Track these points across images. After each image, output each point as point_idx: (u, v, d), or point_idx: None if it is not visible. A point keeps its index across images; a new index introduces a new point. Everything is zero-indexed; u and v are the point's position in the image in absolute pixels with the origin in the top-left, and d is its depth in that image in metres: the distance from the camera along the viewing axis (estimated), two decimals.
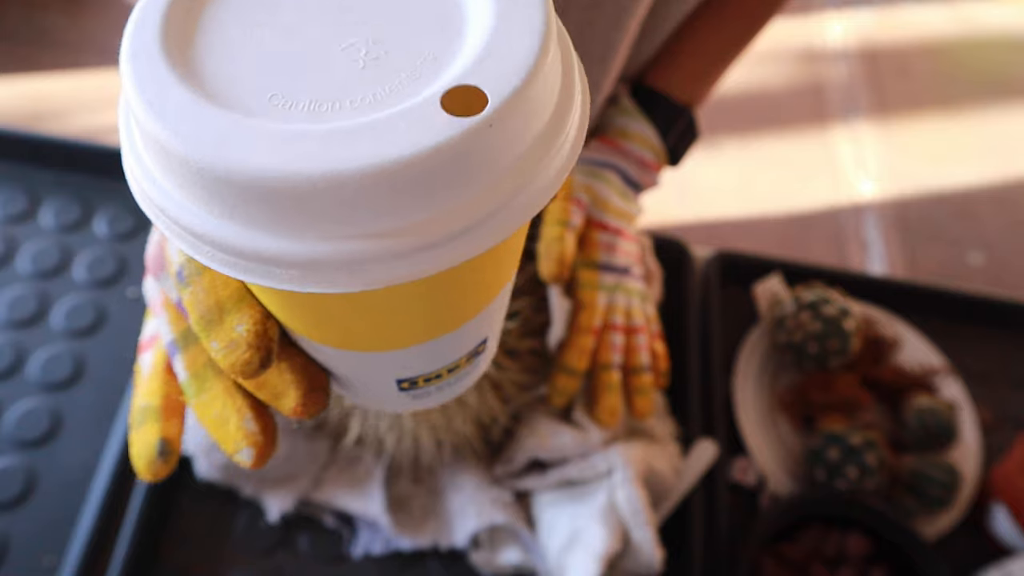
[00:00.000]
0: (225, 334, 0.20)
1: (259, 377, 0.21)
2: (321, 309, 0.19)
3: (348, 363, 0.22)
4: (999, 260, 1.59)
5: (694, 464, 0.56)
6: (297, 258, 0.15)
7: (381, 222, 0.15)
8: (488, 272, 0.20)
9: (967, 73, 1.93)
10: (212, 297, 0.20)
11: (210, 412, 0.23)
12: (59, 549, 0.52)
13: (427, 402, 0.26)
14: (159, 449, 0.24)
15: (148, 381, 0.26)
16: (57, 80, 1.60)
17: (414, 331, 0.20)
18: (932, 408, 0.62)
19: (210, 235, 0.15)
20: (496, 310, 0.23)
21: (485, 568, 0.53)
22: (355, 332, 0.20)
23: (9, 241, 0.65)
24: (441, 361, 0.23)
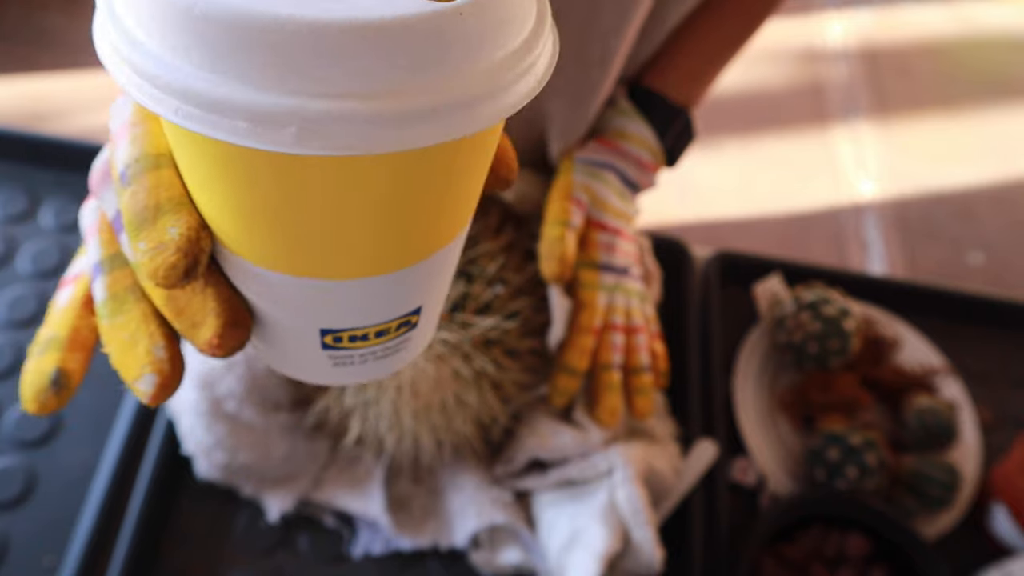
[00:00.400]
0: (156, 235, 0.19)
1: (180, 301, 0.21)
2: (263, 205, 0.18)
3: (276, 295, 0.21)
4: (999, 260, 1.59)
5: (694, 464, 0.56)
6: (259, 109, 0.15)
7: (349, 82, 0.15)
8: (438, 193, 0.19)
9: (967, 73, 1.93)
10: (152, 198, 0.19)
11: (121, 335, 0.22)
12: (59, 549, 0.52)
13: (347, 374, 0.24)
14: (52, 378, 0.23)
15: (60, 313, 0.25)
16: (57, 80, 1.60)
17: (350, 257, 0.20)
18: (932, 408, 0.62)
19: (178, 84, 0.16)
20: (439, 270, 0.22)
21: (485, 568, 0.53)
22: (292, 244, 0.19)
23: (9, 241, 0.65)
24: (370, 315, 0.22)
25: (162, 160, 0.20)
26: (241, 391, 0.50)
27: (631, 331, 0.51)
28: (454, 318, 0.47)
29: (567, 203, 0.49)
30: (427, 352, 0.46)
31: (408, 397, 0.47)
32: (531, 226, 0.54)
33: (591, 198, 0.51)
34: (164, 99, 0.16)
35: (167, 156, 0.20)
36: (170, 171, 0.20)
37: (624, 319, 0.50)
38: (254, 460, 0.52)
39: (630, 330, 0.51)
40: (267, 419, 0.52)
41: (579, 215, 0.50)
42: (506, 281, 0.49)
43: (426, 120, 0.16)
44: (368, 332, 0.23)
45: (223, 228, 0.20)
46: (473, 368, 0.47)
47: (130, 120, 0.21)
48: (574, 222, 0.49)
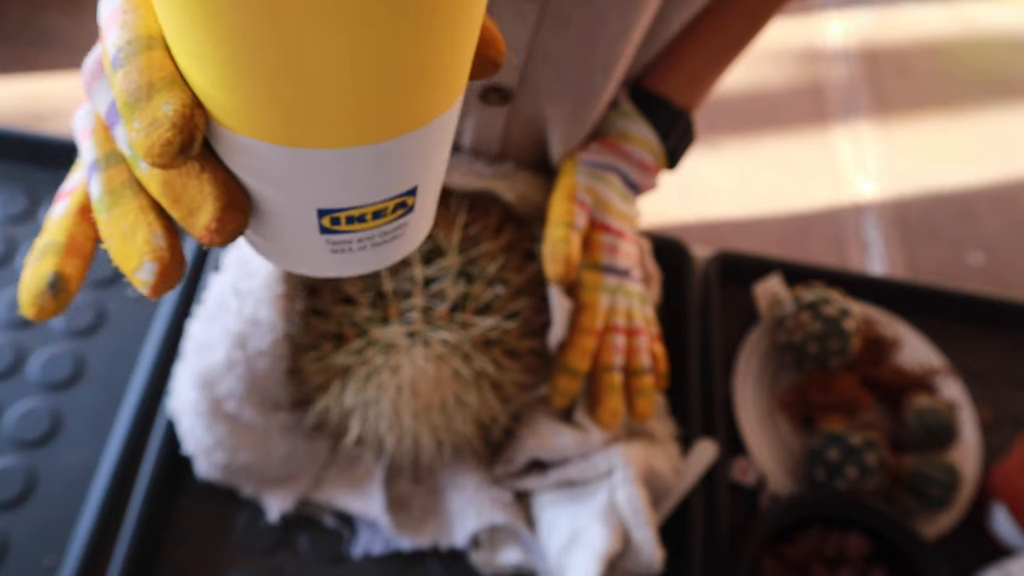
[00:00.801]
0: (150, 112, 0.19)
1: (176, 187, 0.21)
2: (250, 55, 0.18)
3: (273, 172, 0.21)
4: (999, 260, 1.60)
5: (694, 464, 0.56)
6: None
7: None
8: (436, 33, 0.19)
9: (967, 73, 1.93)
10: (145, 77, 0.19)
11: (119, 227, 0.22)
12: (59, 549, 0.52)
13: (347, 262, 0.24)
14: (50, 281, 0.23)
15: (57, 221, 0.25)
16: (57, 80, 1.60)
17: (342, 115, 0.19)
18: (932, 408, 0.62)
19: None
20: (429, 147, 0.22)
21: (485, 568, 0.53)
22: (283, 101, 0.19)
23: (9, 241, 0.65)
24: (366, 191, 0.22)
25: (153, 42, 0.20)
26: (241, 391, 0.50)
27: (632, 333, 0.51)
28: (454, 318, 0.47)
29: (571, 204, 0.49)
30: (427, 352, 0.46)
31: (408, 397, 0.47)
32: (531, 227, 0.54)
33: (594, 199, 0.51)
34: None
35: (158, 38, 0.20)
36: (161, 52, 0.20)
37: (625, 321, 0.51)
38: (254, 460, 0.52)
39: (631, 332, 0.51)
40: (267, 419, 0.52)
41: (583, 216, 0.50)
42: (506, 281, 0.49)
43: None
44: (365, 213, 0.22)
45: (216, 98, 0.19)
46: (473, 368, 0.47)
47: (120, 7, 0.21)
48: (578, 223, 0.49)
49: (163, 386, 0.57)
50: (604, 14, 0.43)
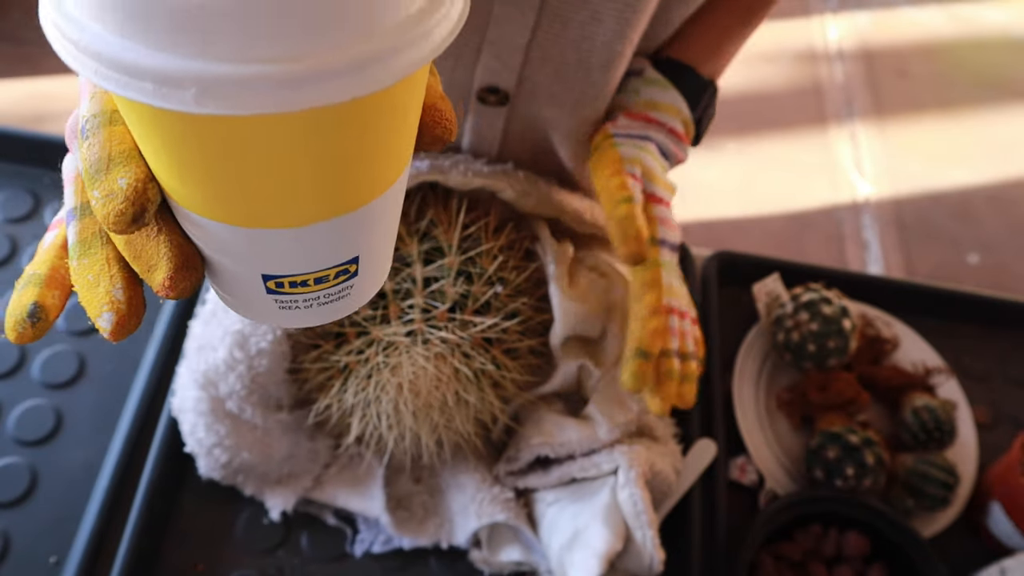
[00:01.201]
0: (108, 185, 0.21)
1: (136, 246, 0.23)
2: (188, 159, 0.20)
3: (217, 242, 0.23)
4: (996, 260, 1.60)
5: (694, 464, 0.56)
6: (161, 72, 0.17)
7: (244, 46, 0.17)
8: (354, 148, 0.20)
9: (965, 74, 1.94)
10: (105, 150, 0.21)
11: (86, 275, 0.24)
12: (62, 547, 0.52)
13: (294, 318, 0.26)
14: (30, 311, 0.25)
15: (43, 253, 0.27)
16: (59, 81, 1.60)
17: (279, 207, 0.21)
18: (930, 407, 0.62)
19: (94, 48, 0.17)
20: (368, 224, 0.23)
21: (485, 566, 0.54)
22: (222, 195, 0.21)
23: (12, 241, 0.65)
24: (307, 262, 0.23)
25: (116, 116, 0.22)
26: (242, 390, 0.50)
27: (681, 315, 0.48)
28: (454, 317, 0.47)
29: (623, 178, 0.46)
30: (427, 351, 0.46)
31: (408, 396, 0.47)
32: (531, 226, 0.55)
33: (643, 171, 0.48)
34: (86, 61, 0.18)
35: (120, 113, 0.22)
36: (122, 127, 0.22)
37: (677, 301, 0.48)
38: (255, 459, 0.52)
39: (681, 314, 0.48)
40: (268, 418, 0.52)
41: (638, 189, 0.47)
42: (506, 281, 0.49)
43: (320, 81, 0.17)
44: (308, 279, 0.24)
45: (163, 179, 0.21)
46: (473, 367, 0.48)
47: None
48: (636, 197, 0.46)
49: (165, 385, 0.57)
50: (599, 16, 0.43)
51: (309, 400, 0.54)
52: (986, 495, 0.61)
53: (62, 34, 0.18)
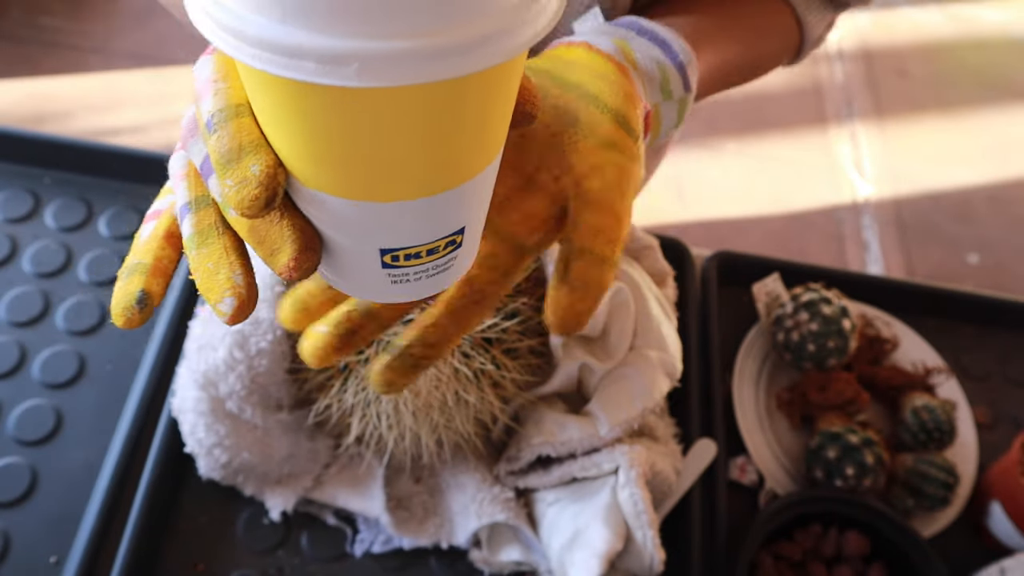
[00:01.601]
0: (240, 172, 0.23)
1: (261, 231, 0.25)
2: (328, 137, 0.22)
3: (342, 220, 0.24)
4: (996, 260, 1.60)
5: (694, 464, 0.56)
6: (324, 52, 0.19)
7: (396, 25, 0.19)
8: (476, 120, 0.23)
9: (964, 74, 1.94)
10: (236, 141, 0.23)
11: (205, 264, 0.26)
12: (62, 547, 0.52)
13: (404, 291, 0.28)
14: (138, 298, 0.27)
15: (145, 243, 0.28)
16: (60, 82, 1.60)
17: (404, 181, 0.23)
18: (930, 407, 0.62)
19: (255, 36, 0.19)
20: (476, 194, 0.26)
21: (485, 566, 0.54)
22: (354, 171, 0.23)
23: (12, 241, 0.65)
24: (422, 234, 0.25)
25: (241, 109, 0.24)
26: (242, 390, 0.50)
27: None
28: None
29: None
30: None
31: (408, 396, 0.47)
32: None
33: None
34: (245, 48, 0.20)
35: (246, 106, 0.24)
36: (249, 119, 0.24)
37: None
38: (255, 459, 0.52)
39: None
40: (268, 418, 0.52)
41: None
42: None
43: (460, 54, 0.20)
44: (421, 251, 0.26)
45: (295, 163, 0.23)
46: (473, 367, 0.48)
47: (211, 76, 0.25)
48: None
49: (165, 385, 0.57)
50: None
51: (309, 400, 0.54)
52: (986, 495, 0.61)
53: (218, 24, 0.20)
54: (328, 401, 0.50)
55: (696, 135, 1.68)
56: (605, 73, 0.34)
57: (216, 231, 0.26)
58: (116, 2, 1.78)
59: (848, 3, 0.51)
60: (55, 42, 1.67)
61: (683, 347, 0.61)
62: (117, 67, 1.65)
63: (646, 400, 0.51)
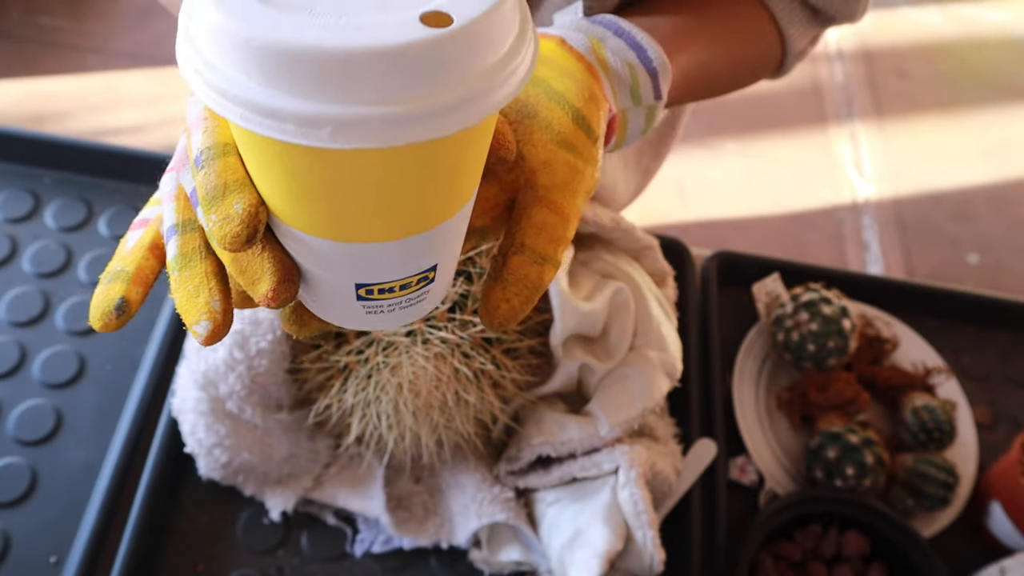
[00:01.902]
0: (224, 209, 0.24)
1: (243, 262, 0.26)
2: (308, 188, 0.23)
3: (320, 256, 0.26)
4: (996, 260, 1.60)
5: (694, 464, 0.56)
6: (302, 115, 0.20)
7: (368, 92, 0.20)
8: (448, 173, 0.24)
9: (964, 74, 1.94)
10: (221, 179, 0.24)
11: (186, 286, 0.27)
12: (61, 547, 0.52)
13: (378, 321, 0.29)
14: (117, 304, 0.28)
15: (130, 252, 0.29)
16: (60, 82, 1.60)
17: (381, 225, 0.25)
18: (929, 407, 0.62)
19: (241, 97, 0.21)
20: (449, 234, 0.27)
21: (484, 566, 0.54)
22: (332, 217, 0.24)
23: (12, 241, 0.65)
24: (396, 271, 0.27)
25: (228, 148, 0.25)
26: (242, 391, 0.50)
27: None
28: (454, 317, 0.47)
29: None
30: (427, 351, 0.46)
31: (408, 396, 0.47)
32: None
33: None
34: (231, 107, 0.21)
35: (232, 145, 0.25)
36: (235, 158, 0.25)
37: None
38: (255, 459, 0.52)
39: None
40: (268, 418, 0.52)
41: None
42: None
43: (429, 119, 0.21)
44: (394, 285, 0.27)
45: (276, 204, 0.25)
46: (473, 367, 0.48)
47: (202, 114, 0.26)
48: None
49: (165, 385, 0.57)
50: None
51: (309, 400, 0.54)
52: (986, 495, 0.61)
53: (206, 82, 0.21)
54: (328, 401, 0.50)
55: (696, 135, 1.68)
56: (572, 72, 0.34)
57: (199, 255, 0.27)
58: (116, 2, 1.77)
59: (834, 19, 0.51)
60: (55, 42, 1.67)
61: (683, 347, 0.61)
62: (117, 67, 1.65)
63: (646, 400, 0.51)
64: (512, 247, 0.30)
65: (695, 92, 0.45)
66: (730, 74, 0.49)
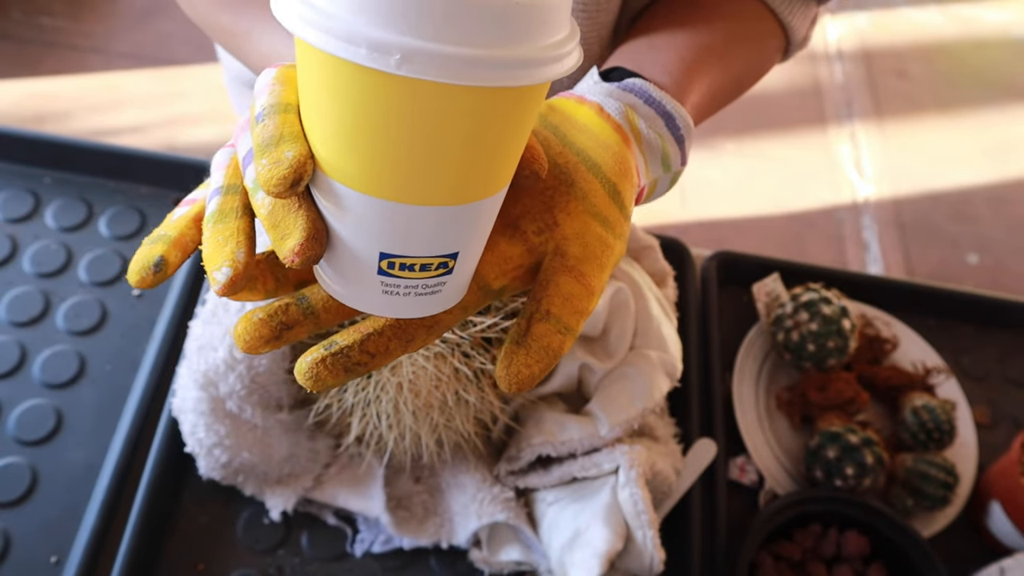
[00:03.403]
0: (276, 154, 0.26)
1: (277, 215, 0.27)
2: (363, 127, 0.25)
3: (353, 215, 0.27)
4: (996, 260, 1.60)
5: (694, 464, 0.56)
6: (375, 40, 0.22)
7: (436, 32, 0.22)
8: (492, 139, 0.25)
9: (964, 74, 1.94)
10: (278, 130, 0.26)
11: (217, 236, 0.28)
12: (61, 547, 0.52)
13: (392, 305, 0.29)
14: (156, 262, 0.29)
15: (175, 221, 0.31)
16: (60, 82, 1.60)
17: (427, 181, 0.26)
18: (929, 407, 0.62)
19: (323, 24, 0.23)
20: (478, 219, 0.28)
21: (484, 566, 0.54)
22: (378, 165, 0.25)
23: (12, 241, 0.65)
24: (423, 245, 0.27)
25: (289, 107, 0.27)
26: (242, 391, 0.50)
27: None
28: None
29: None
30: (427, 350, 0.47)
31: (408, 395, 0.47)
32: None
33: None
34: (316, 34, 0.23)
35: (293, 104, 0.27)
36: (293, 115, 0.27)
37: None
38: (255, 459, 0.52)
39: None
40: (268, 418, 0.52)
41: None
42: None
43: (489, 66, 0.23)
44: (415, 263, 0.28)
45: (325, 153, 0.26)
46: (473, 367, 0.48)
47: (271, 81, 0.29)
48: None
49: (165, 385, 0.57)
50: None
51: (309, 400, 0.54)
52: (986, 495, 0.61)
53: (296, 15, 0.23)
54: (328, 401, 0.50)
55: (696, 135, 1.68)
56: (609, 144, 0.34)
57: (235, 214, 0.29)
58: (116, 2, 1.78)
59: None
60: (55, 42, 1.67)
61: (683, 347, 0.61)
62: (117, 67, 1.65)
63: (646, 400, 0.51)
64: (537, 313, 0.31)
65: (705, 115, 0.46)
66: (736, 91, 0.49)
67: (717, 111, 0.48)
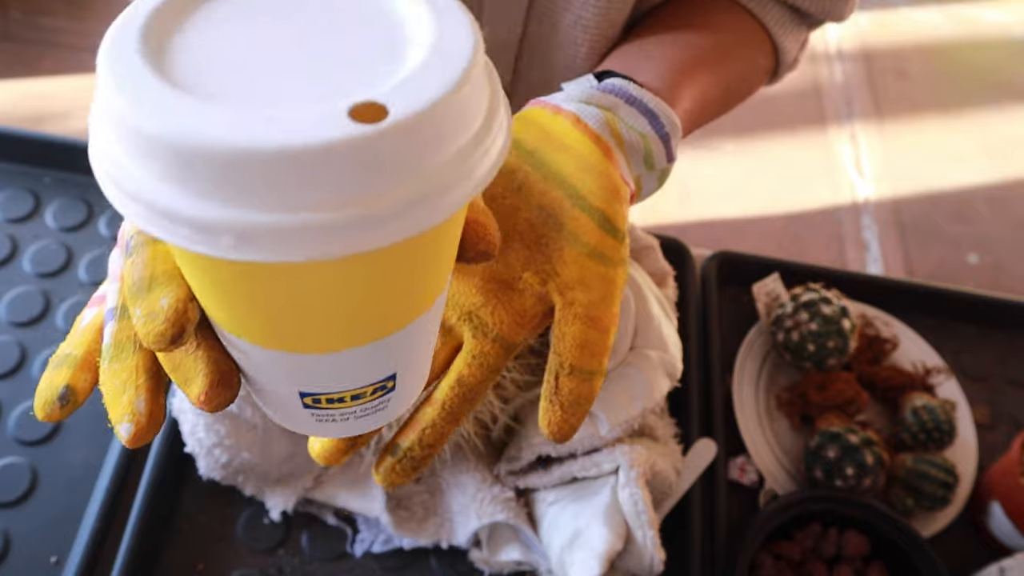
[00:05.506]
0: (149, 304, 0.22)
1: (175, 359, 0.24)
2: (228, 293, 0.20)
3: (256, 362, 0.23)
4: (996, 260, 1.60)
5: (694, 464, 0.56)
6: (198, 220, 0.17)
7: (276, 198, 0.16)
8: (385, 286, 0.20)
9: (964, 74, 1.94)
10: (148, 270, 0.22)
11: (114, 380, 0.25)
12: (61, 547, 0.52)
13: (332, 429, 0.26)
14: (60, 394, 0.26)
15: (81, 333, 0.27)
16: (60, 82, 1.60)
17: (320, 335, 0.21)
18: (929, 407, 0.62)
19: (135, 191, 0.17)
20: (407, 344, 0.24)
21: (484, 566, 0.54)
22: (260, 324, 0.21)
23: (12, 241, 0.65)
24: (344, 381, 0.23)
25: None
26: (242, 390, 0.50)
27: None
28: None
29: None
30: None
31: None
32: None
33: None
34: (128, 203, 0.18)
35: None
36: (165, 247, 0.22)
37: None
38: (255, 459, 0.52)
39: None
40: (268, 418, 0.52)
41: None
42: None
43: (356, 229, 0.17)
44: (344, 396, 0.24)
45: (203, 303, 0.22)
46: None
47: None
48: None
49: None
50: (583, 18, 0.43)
51: None
52: (986, 495, 0.61)
53: (108, 176, 0.18)
54: None
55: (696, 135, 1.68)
56: (592, 163, 0.33)
57: (132, 346, 0.25)
58: (116, 2, 1.78)
59: (822, 21, 0.51)
60: (55, 42, 1.67)
61: (683, 347, 0.61)
62: None
63: (646, 400, 0.51)
64: (562, 369, 0.31)
65: (696, 124, 0.46)
66: (727, 102, 0.49)
67: (709, 120, 0.48)
